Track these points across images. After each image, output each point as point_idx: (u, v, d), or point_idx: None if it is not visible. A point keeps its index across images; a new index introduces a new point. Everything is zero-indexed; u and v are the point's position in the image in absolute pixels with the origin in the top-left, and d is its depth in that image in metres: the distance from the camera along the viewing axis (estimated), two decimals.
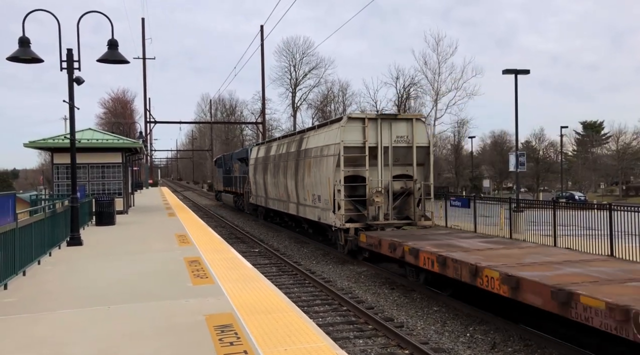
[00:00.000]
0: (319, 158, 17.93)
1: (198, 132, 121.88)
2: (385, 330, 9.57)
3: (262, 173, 27.15)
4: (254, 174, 29.15)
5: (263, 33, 50.26)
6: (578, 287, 7.68)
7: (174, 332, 6.04)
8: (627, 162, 73.24)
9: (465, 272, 9.91)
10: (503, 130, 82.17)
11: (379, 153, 16.58)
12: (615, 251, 11.70)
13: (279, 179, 23.46)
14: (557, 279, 8.33)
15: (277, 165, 23.82)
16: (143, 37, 54.10)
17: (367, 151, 16.34)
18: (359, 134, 16.39)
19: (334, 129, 17.14)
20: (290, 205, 22.22)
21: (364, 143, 16.35)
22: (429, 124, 60.80)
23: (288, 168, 21.88)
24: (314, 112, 74.60)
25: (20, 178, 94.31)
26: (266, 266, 16.50)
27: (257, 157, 28.69)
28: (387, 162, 16.74)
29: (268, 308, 7.03)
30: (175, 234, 15.59)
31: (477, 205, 17.27)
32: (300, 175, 20.09)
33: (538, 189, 70.06)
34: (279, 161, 23.61)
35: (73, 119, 13.68)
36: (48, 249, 11.70)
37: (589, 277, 8.52)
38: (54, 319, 6.74)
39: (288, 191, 22.19)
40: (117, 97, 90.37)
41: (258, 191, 28.82)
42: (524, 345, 8.96)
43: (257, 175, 28.50)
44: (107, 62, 13.38)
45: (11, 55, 12.18)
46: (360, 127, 16.43)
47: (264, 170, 26.74)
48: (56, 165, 21.72)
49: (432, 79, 63.51)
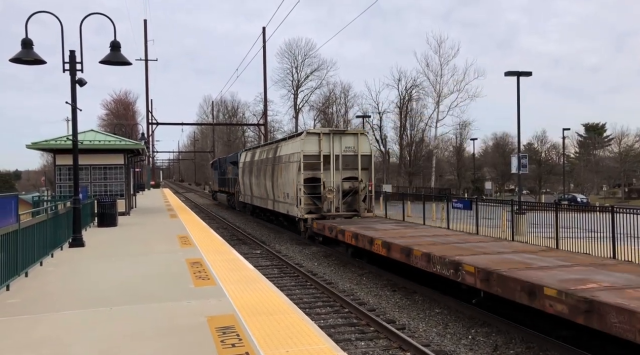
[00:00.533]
0: (287, 163, 22.17)
1: (200, 133, 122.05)
2: (387, 332, 9.56)
3: (248, 175, 31.07)
4: (242, 175, 33.19)
5: (265, 35, 50.32)
6: (417, 246, 12.46)
7: (176, 334, 6.05)
8: (630, 164, 73.07)
9: (366, 242, 14.89)
10: (505, 132, 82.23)
11: (332, 160, 20.81)
12: (618, 254, 11.67)
13: (261, 180, 27.52)
14: (411, 243, 13.03)
15: (260, 169, 27.89)
16: (145, 39, 54.17)
17: (322, 159, 20.57)
18: (315, 145, 20.61)
19: (297, 141, 21.36)
20: (269, 202, 26.25)
21: (319, 152, 20.57)
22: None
23: (267, 171, 26.03)
24: (316, 114, 74.70)
25: (23, 179, 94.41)
26: (268, 268, 16.50)
27: (244, 161, 32.72)
28: (338, 167, 20.88)
29: (270, 310, 7.03)
30: (177, 235, 15.61)
31: (479, 207, 17.25)
32: (275, 177, 24.23)
33: (540, 191, 69.93)
34: (260, 165, 27.74)
35: (75, 121, 13.71)
36: (50, 250, 11.71)
37: (431, 243, 13.26)
38: (56, 320, 6.75)
39: (267, 190, 26.22)
40: (120, 99, 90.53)
41: (245, 190, 32.88)
42: (526, 348, 8.95)
43: (244, 176, 32.52)
44: (110, 63, 13.40)
45: (14, 56, 12.20)
46: (317, 140, 20.65)
47: (250, 173, 30.69)
48: (58, 167, 21.76)
49: (434, 81, 63.61)
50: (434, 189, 56.69)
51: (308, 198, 20.68)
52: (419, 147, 67.34)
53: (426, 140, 66.99)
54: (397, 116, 67.78)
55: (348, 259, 17.55)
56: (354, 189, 21.01)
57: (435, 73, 63.21)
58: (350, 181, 21.02)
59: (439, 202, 22.65)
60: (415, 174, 65.99)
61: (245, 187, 32.77)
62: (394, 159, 72.64)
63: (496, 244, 13.28)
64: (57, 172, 21.84)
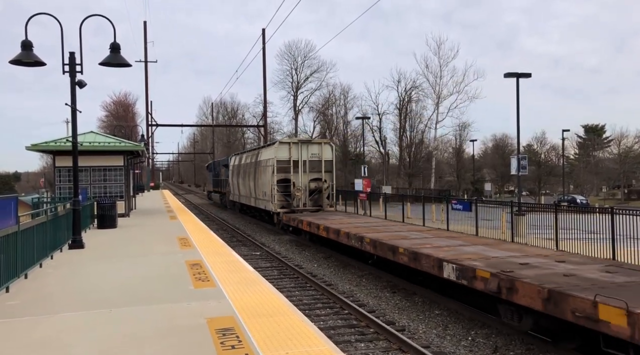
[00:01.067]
0: (265, 167, 26.60)
1: (200, 135, 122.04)
2: (387, 334, 9.56)
3: (236, 176, 35.56)
4: (232, 177, 37.66)
5: (265, 36, 50.34)
6: (345, 229, 17.10)
7: (176, 335, 6.04)
8: (629, 165, 73.09)
9: (315, 228, 19.59)
10: (505, 134, 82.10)
11: (300, 164, 25.12)
12: (618, 255, 11.66)
13: (246, 181, 31.82)
14: (342, 227, 17.60)
15: (245, 171, 32.14)
16: (145, 40, 54.15)
17: (292, 163, 25.01)
18: (286, 152, 25.18)
19: (272, 148, 25.92)
20: (252, 199, 30.62)
21: (289, 158, 25.04)
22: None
23: (250, 173, 30.27)
24: (316, 115, 74.71)
25: (22, 181, 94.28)
26: (267, 269, 16.50)
27: (234, 164, 37.00)
28: (305, 170, 25.22)
29: (269, 311, 7.02)
30: (177, 237, 15.60)
31: (478, 208, 17.24)
32: (257, 179, 28.57)
33: (540, 193, 69.94)
34: (246, 168, 31.92)
35: (75, 122, 13.71)
36: (50, 252, 11.70)
37: (356, 227, 17.99)
38: (56, 322, 6.75)
39: (251, 190, 30.57)
40: (119, 100, 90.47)
41: (234, 190, 37.36)
42: (526, 349, 8.95)
43: (233, 178, 37.02)
44: (110, 65, 13.39)
45: (14, 58, 12.19)
46: (288, 148, 25.24)
47: (237, 175, 35.13)
48: (58, 168, 21.74)
49: (433, 83, 63.69)
50: (433, 191, 56.68)
51: (281, 196, 25.06)
52: (418, 149, 67.37)
53: (426, 142, 67.04)
54: (397, 118, 67.84)
55: (307, 243, 21.89)
56: (319, 188, 25.38)
57: (435, 74, 63.32)
58: (315, 181, 25.36)
59: (439, 203, 22.65)
60: (414, 176, 65.99)
61: (234, 187, 36.97)
62: (394, 160, 72.67)
63: (403, 227, 18.16)
64: (57, 174, 21.82)
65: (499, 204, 20.76)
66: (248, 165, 31.21)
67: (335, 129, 73.61)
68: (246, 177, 31.55)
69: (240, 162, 34.42)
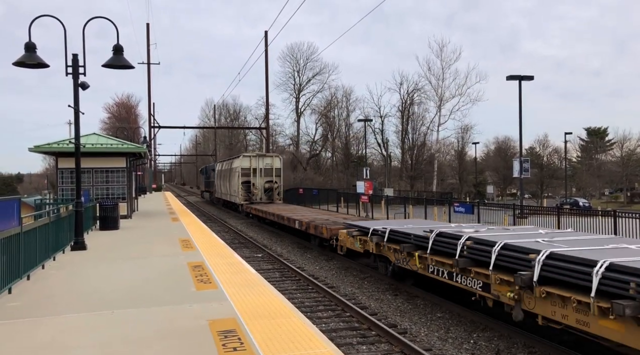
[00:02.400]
0: (234, 173, 37.25)
1: (202, 137, 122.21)
2: (389, 337, 9.55)
3: (219, 179, 46.76)
4: (216, 179, 48.64)
5: (267, 39, 50.42)
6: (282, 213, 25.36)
7: (178, 337, 6.04)
8: (632, 168, 72.94)
9: (260, 212, 29.79)
10: (507, 136, 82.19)
11: (257, 171, 36.13)
12: None
13: (225, 182, 42.63)
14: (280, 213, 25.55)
15: (224, 175, 42.99)
16: (148, 42, 54.26)
17: (252, 170, 35.99)
18: (248, 162, 36.31)
19: (239, 159, 36.97)
20: (228, 196, 41.43)
21: (250, 166, 36.07)
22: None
23: (227, 177, 41.23)
24: (318, 118, 74.78)
25: (25, 182, 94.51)
26: (269, 271, 16.50)
27: (218, 170, 47.97)
28: (261, 175, 36.20)
29: (271, 313, 7.02)
30: (179, 238, 15.61)
31: (480, 211, 17.24)
32: (230, 181, 39.36)
33: (542, 195, 69.83)
34: (225, 173, 42.58)
35: (78, 124, 13.74)
36: (52, 254, 11.71)
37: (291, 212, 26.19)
38: (58, 323, 6.75)
39: (227, 189, 41.33)
40: (122, 102, 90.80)
41: (218, 190, 48.19)
42: (528, 353, 8.93)
43: (217, 180, 47.89)
44: (113, 67, 13.42)
45: (17, 60, 12.23)
46: (249, 159, 36.51)
47: (219, 177, 46.18)
48: (61, 170, 21.76)
49: (435, 85, 63.75)
50: (435, 193, 56.64)
51: (244, 192, 35.85)
52: (420, 151, 67.38)
53: (428, 144, 67.07)
54: (399, 120, 67.91)
55: (261, 224, 30.97)
56: (271, 187, 36.18)
57: (437, 77, 63.36)
58: (269, 183, 36.22)
59: (441, 206, 22.65)
60: (417, 178, 65.97)
61: (218, 187, 47.58)
62: (396, 162, 72.66)
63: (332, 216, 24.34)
64: (60, 175, 21.85)
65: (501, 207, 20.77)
66: (226, 171, 41.94)
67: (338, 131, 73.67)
68: (225, 179, 42.06)
69: (221, 168, 45.46)
